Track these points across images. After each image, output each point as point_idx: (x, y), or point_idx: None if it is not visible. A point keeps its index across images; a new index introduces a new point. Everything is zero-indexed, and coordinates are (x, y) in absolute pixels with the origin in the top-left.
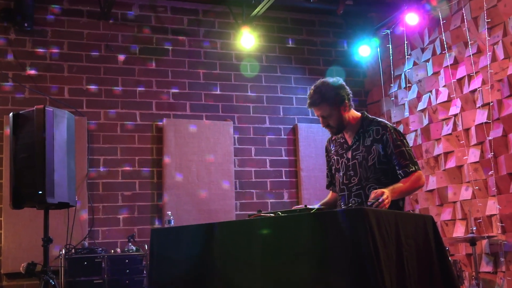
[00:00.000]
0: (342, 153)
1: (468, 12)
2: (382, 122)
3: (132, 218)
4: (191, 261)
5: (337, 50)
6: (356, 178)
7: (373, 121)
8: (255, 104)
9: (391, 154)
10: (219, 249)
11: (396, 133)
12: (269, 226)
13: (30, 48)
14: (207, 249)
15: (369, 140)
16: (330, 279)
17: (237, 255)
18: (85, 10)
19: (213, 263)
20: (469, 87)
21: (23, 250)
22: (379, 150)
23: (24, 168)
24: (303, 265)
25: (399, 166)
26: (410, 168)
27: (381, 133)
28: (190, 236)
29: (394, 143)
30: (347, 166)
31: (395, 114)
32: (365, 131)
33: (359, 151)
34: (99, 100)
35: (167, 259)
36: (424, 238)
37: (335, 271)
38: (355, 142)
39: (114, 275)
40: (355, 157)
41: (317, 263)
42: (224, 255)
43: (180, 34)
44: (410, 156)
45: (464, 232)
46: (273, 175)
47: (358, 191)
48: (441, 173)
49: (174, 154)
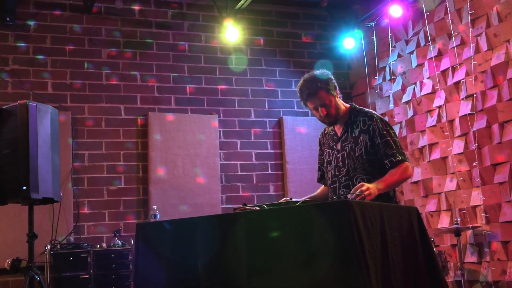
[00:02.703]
0: (332, 145)
1: (451, 4)
2: (369, 113)
3: (118, 212)
4: (177, 255)
5: (321, 43)
6: (345, 169)
7: (360, 112)
8: (240, 97)
9: (378, 144)
10: (204, 243)
11: (383, 123)
12: (254, 219)
13: (12, 42)
14: (192, 243)
15: (357, 131)
16: (316, 271)
17: (223, 248)
18: (68, 3)
19: (199, 257)
20: (453, 78)
21: (7, 246)
22: (366, 141)
23: (7, 164)
24: (289, 258)
25: (385, 156)
26: (396, 157)
27: (367, 123)
28: (176, 230)
29: (380, 133)
30: (337, 157)
31: (380, 106)
32: (353, 122)
33: (347, 142)
34: (83, 95)
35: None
36: (408, 229)
37: (320, 264)
38: (344, 133)
39: (100, 270)
40: (344, 148)
41: (303, 255)
42: (209, 249)
43: (164, 27)
44: (396, 146)
45: (449, 223)
46: (259, 168)
47: (346, 182)
48: (426, 164)
49: (159, 148)
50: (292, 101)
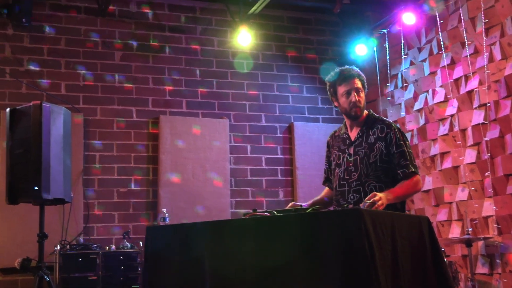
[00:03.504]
0: (344, 149)
1: (465, 12)
2: (387, 121)
3: (127, 214)
4: (185, 259)
5: (333, 49)
6: (356, 174)
7: (378, 119)
8: (251, 102)
9: (393, 154)
10: (213, 248)
11: (400, 133)
12: (264, 225)
13: (27, 43)
14: (201, 247)
15: (373, 137)
16: (325, 279)
17: (231, 254)
18: (82, 6)
19: (207, 262)
20: (466, 87)
21: (18, 245)
22: (382, 149)
23: (20, 164)
24: (298, 265)
25: (398, 166)
26: (409, 168)
27: (385, 131)
28: (185, 234)
29: (397, 143)
30: (347, 161)
31: (391, 113)
32: (369, 128)
33: (362, 147)
34: (96, 97)
35: (161, 256)
36: (419, 238)
37: (330, 271)
38: (358, 138)
39: (109, 271)
40: (357, 153)
41: (312, 263)
42: (218, 254)
43: (177, 31)
44: (410, 157)
45: (460, 233)
46: (269, 173)
47: (357, 187)
48: (437, 173)
49: (169, 151)
50: (303, 106)
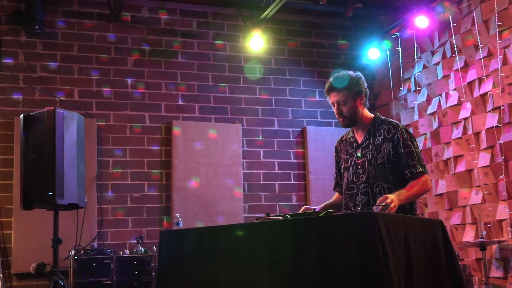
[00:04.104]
0: (351, 152)
1: (478, 15)
2: (393, 122)
3: (141, 219)
4: (199, 264)
5: (346, 53)
6: (364, 176)
7: (384, 121)
8: (263, 107)
9: (401, 154)
10: (227, 252)
11: (407, 133)
12: (277, 229)
13: (40, 50)
14: (215, 252)
15: (380, 138)
16: (338, 283)
17: (245, 258)
18: (95, 12)
19: (221, 266)
20: (480, 90)
21: (32, 250)
22: (389, 149)
23: (34, 169)
24: (311, 269)
25: (406, 166)
26: (417, 168)
27: (392, 132)
28: (199, 238)
29: (404, 143)
30: (356, 164)
31: (404, 117)
32: (376, 130)
33: (369, 149)
34: (109, 102)
35: (175, 261)
36: (433, 242)
37: (343, 275)
38: (365, 141)
39: (123, 276)
40: (365, 155)
41: (326, 267)
42: (232, 258)
43: (189, 36)
44: (418, 157)
45: (474, 237)
46: (282, 177)
47: (365, 189)
48: (451, 177)
49: (182, 156)
50: (315, 111)
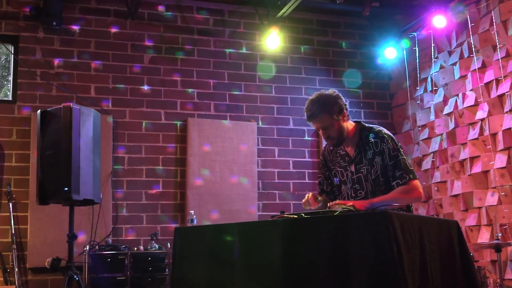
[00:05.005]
0: (345, 166)
1: (497, 15)
2: (379, 133)
3: (155, 216)
4: (213, 261)
5: (362, 52)
6: (363, 192)
7: (370, 131)
8: (279, 105)
9: (387, 165)
10: (241, 250)
11: (392, 142)
12: (291, 227)
13: (58, 46)
14: (229, 249)
15: (370, 153)
16: (352, 282)
17: (259, 256)
18: (112, 9)
19: (235, 264)
20: (497, 91)
21: (48, 245)
22: (380, 163)
23: (50, 165)
24: (325, 267)
25: (392, 178)
26: (403, 178)
27: (379, 145)
28: (213, 235)
29: (390, 154)
30: (352, 179)
31: (420, 117)
32: (364, 143)
33: (363, 164)
34: (125, 99)
35: (189, 258)
36: (448, 243)
37: (357, 274)
38: (357, 155)
39: (137, 272)
40: (359, 170)
41: (340, 265)
42: (246, 256)
43: (206, 34)
44: (405, 165)
45: (489, 238)
46: (296, 176)
47: None
48: (467, 178)
49: (197, 153)
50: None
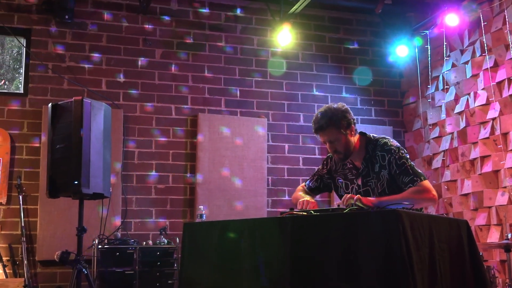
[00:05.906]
0: (352, 179)
1: (510, 14)
2: (386, 146)
3: (164, 211)
4: (221, 256)
5: (374, 50)
6: None
7: (377, 145)
8: (289, 102)
9: (396, 174)
10: (249, 247)
11: (398, 151)
12: (300, 224)
13: (70, 40)
14: (238, 245)
15: (377, 166)
16: (361, 280)
17: (268, 253)
18: (124, 3)
19: (243, 259)
20: (509, 91)
21: (57, 238)
22: (386, 176)
23: (60, 158)
24: (334, 265)
25: (404, 184)
26: (414, 182)
27: (386, 158)
28: (222, 231)
29: (397, 163)
30: (358, 193)
31: (431, 116)
32: (371, 156)
33: (370, 178)
34: (136, 93)
35: (197, 253)
36: (457, 242)
37: (366, 272)
38: (364, 169)
39: (145, 266)
40: (367, 184)
41: (349, 263)
42: (254, 252)
43: (217, 29)
44: (412, 169)
45: (498, 238)
46: (306, 173)
47: None
48: (477, 177)
49: (207, 149)
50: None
